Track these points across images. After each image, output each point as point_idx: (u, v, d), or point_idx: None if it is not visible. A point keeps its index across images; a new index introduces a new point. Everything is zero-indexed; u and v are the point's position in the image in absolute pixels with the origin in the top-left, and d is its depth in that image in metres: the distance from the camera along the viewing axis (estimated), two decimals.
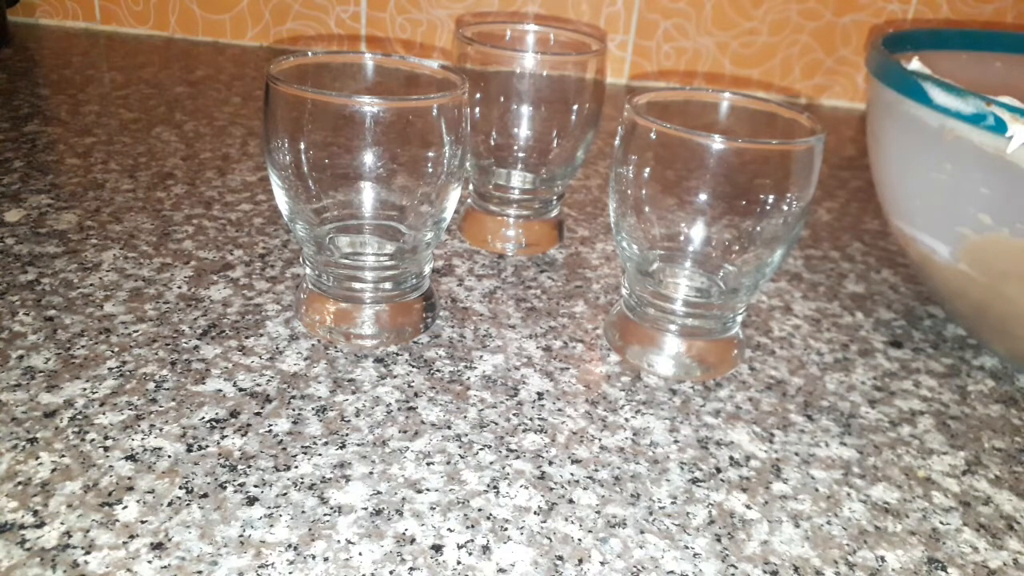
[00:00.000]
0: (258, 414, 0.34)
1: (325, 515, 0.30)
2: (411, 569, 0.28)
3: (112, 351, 0.37)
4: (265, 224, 0.51)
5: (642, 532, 0.30)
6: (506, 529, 0.30)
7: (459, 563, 0.28)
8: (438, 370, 0.38)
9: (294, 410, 0.35)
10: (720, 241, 0.38)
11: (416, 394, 0.37)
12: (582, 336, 0.43)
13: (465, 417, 0.35)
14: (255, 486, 0.30)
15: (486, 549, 0.29)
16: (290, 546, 0.28)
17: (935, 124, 0.38)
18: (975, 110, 0.36)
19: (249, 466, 0.31)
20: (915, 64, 0.43)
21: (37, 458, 0.31)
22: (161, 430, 0.33)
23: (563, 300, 0.46)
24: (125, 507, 0.29)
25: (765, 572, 0.29)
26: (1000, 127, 0.35)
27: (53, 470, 0.30)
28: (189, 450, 0.32)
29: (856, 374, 0.42)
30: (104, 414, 0.33)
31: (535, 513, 0.31)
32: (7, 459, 0.31)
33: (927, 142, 0.39)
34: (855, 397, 0.40)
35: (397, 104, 0.35)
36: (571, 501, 0.31)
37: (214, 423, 0.34)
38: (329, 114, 0.36)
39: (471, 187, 0.51)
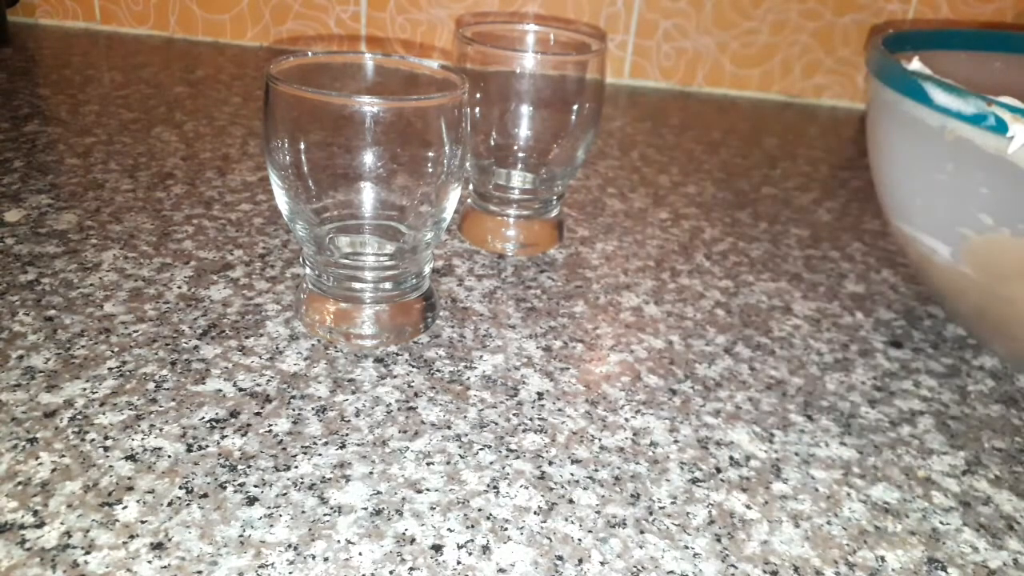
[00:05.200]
0: (258, 414, 0.34)
1: (325, 515, 0.30)
2: (411, 569, 0.28)
3: (112, 351, 0.37)
4: (265, 224, 0.51)
5: (642, 532, 0.30)
6: (506, 529, 0.30)
7: (459, 563, 0.28)
8: (438, 370, 0.38)
9: (294, 410, 0.35)
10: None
11: (416, 394, 0.37)
12: (582, 336, 0.43)
13: (465, 417, 0.35)
14: (255, 486, 0.30)
15: (486, 549, 0.29)
16: (290, 546, 0.28)
17: (935, 124, 0.38)
18: (976, 110, 0.36)
19: (249, 466, 0.31)
20: (915, 64, 0.43)
21: (37, 458, 0.31)
22: (161, 430, 0.33)
23: (563, 300, 0.46)
24: (125, 507, 0.29)
25: (765, 572, 0.29)
26: (1001, 127, 0.35)
27: (53, 470, 0.30)
28: (189, 450, 0.32)
29: (856, 374, 0.42)
30: (104, 414, 0.33)
31: (535, 513, 0.31)
32: (7, 459, 0.31)
33: (927, 142, 0.39)
34: (855, 397, 0.40)
35: (397, 104, 0.35)
36: (571, 501, 0.31)
37: (214, 423, 0.34)
38: (329, 114, 0.36)
39: (471, 187, 0.51)
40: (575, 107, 0.48)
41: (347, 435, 0.34)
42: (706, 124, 0.81)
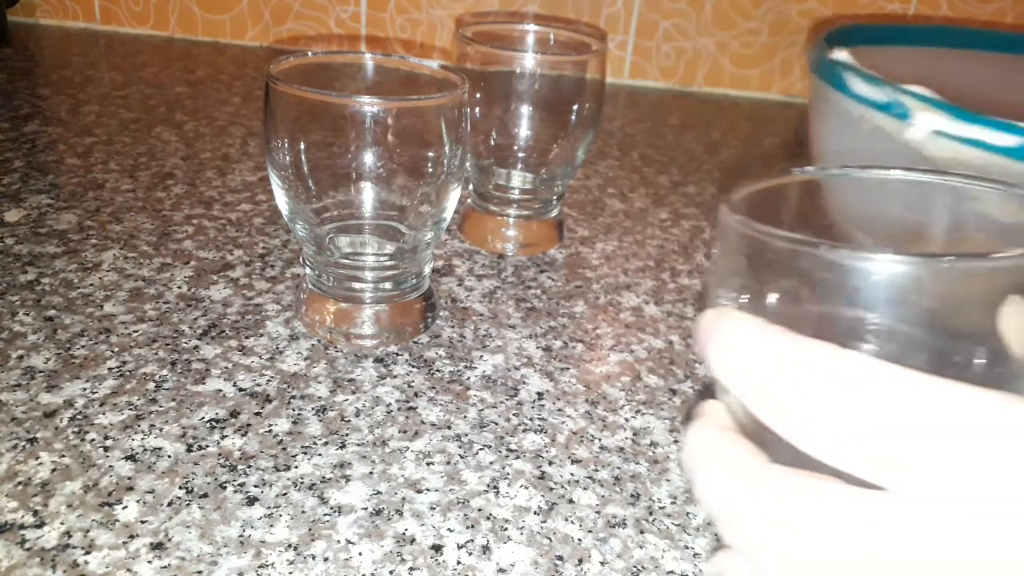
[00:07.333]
0: (258, 414, 0.34)
1: (325, 515, 0.30)
2: (411, 569, 0.28)
3: (112, 351, 0.37)
4: (265, 224, 0.51)
5: (642, 532, 0.30)
6: (506, 529, 0.30)
7: (459, 563, 0.28)
8: (438, 370, 0.38)
9: (294, 410, 0.35)
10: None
11: (416, 394, 0.37)
12: (582, 336, 0.43)
13: (465, 417, 0.35)
14: (255, 486, 0.30)
15: (486, 549, 0.29)
16: (290, 546, 0.28)
17: (856, 114, 0.39)
18: (887, 98, 0.37)
19: (249, 466, 0.31)
20: (840, 54, 0.43)
21: (37, 458, 0.31)
22: (161, 430, 0.33)
23: (563, 300, 0.46)
24: (125, 507, 0.29)
25: None
26: (907, 114, 0.36)
27: (53, 470, 0.30)
28: (189, 450, 0.32)
29: None
30: (104, 414, 0.33)
31: (535, 513, 0.31)
32: (7, 459, 0.31)
33: (852, 131, 0.40)
34: None
35: (397, 104, 0.35)
36: (571, 501, 0.31)
37: (214, 423, 0.34)
38: (329, 114, 0.36)
39: (471, 187, 0.51)
40: (575, 107, 0.48)
41: (347, 435, 0.34)
42: (706, 124, 0.81)
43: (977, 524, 0.16)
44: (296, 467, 0.32)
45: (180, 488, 0.30)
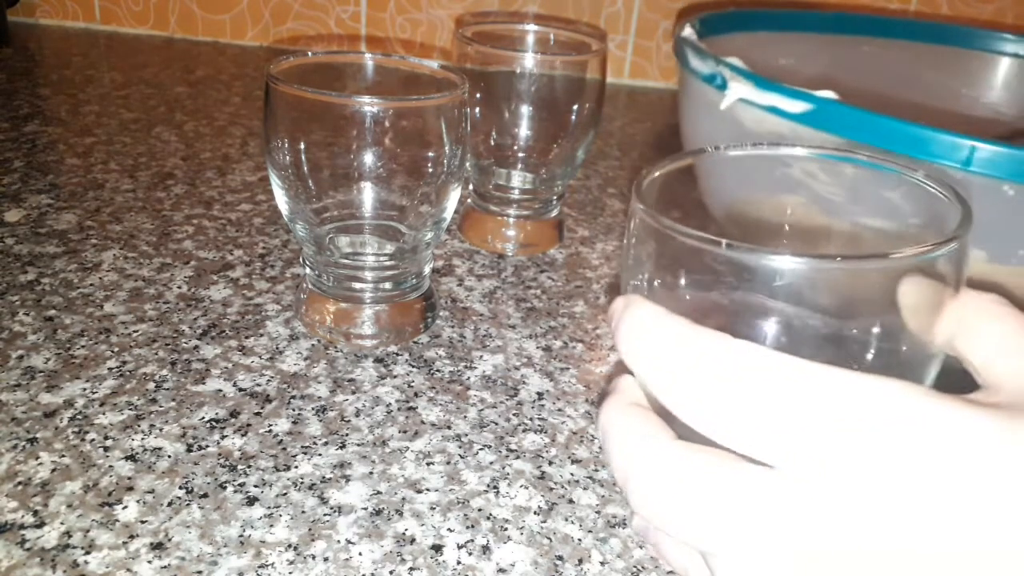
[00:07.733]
0: (258, 414, 0.34)
1: (325, 515, 0.30)
2: (411, 569, 0.28)
3: (112, 351, 0.37)
4: (265, 224, 0.51)
5: None
6: (506, 529, 0.30)
7: (459, 563, 0.28)
8: (438, 370, 0.38)
9: (294, 410, 0.35)
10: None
11: (416, 394, 0.37)
12: (582, 336, 0.43)
13: (465, 417, 0.35)
14: (255, 486, 0.30)
15: (486, 549, 0.29)
16: (290, 546, 0.28)
17: (695, 89, 0.41)
18: (709, 70, 0.39)
19: (249, 466, 0.31)
20: (686, 31, 0.45)
21: (37, 458, 0.31)
22: (161, 430, 0.33)
23: (563, 300, 0.46)
24: (125, 507, 0.29)
25: None
26: (725, 85, 0.38)
27: (53, 470, 0.30)
28: (189, 450, 0.32)
29: None
30: (104, 414, 0.33)
31: (535, 513, 0.31)
32: (7, 459, 0.31)
33: (699, 107, 0.42)
34: None
35: (397, 104, 0.35)
36: (571, 501, 0.31)
37: (214, 423, 0.34)
38: (329, 114, 0.36)
39: (471, 187, 0.51)
40: (575, 107, 0.48)
41: (347, 435, 0.34)
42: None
43: (860, 506, 0.17)
44: (296, 467, 0.32)
45: (180, 488, 0.30)
